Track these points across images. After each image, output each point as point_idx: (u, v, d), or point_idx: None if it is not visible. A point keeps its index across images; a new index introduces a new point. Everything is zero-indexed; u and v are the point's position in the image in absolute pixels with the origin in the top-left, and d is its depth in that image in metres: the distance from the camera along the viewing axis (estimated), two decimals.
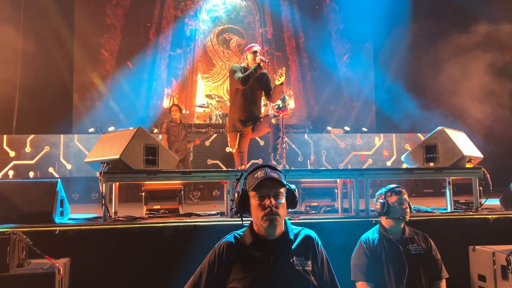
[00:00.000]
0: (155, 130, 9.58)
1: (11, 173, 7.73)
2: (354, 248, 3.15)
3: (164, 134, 7.35)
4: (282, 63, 12.27)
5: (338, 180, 4.47)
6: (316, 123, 11.03)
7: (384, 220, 3.11)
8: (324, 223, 3.78)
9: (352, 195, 4.25)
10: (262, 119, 4.98)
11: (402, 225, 3.08)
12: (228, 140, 5.16)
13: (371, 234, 3.11)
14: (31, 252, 3.00)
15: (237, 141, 5.01)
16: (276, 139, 4.83)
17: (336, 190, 4.60)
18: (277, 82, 4.80)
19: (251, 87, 4.92)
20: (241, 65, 5.00)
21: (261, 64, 4.79)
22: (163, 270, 3.41)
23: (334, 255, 2.80)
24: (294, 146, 8.35)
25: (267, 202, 2.11)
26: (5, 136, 7.93)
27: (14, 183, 4.04)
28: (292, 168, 4.80)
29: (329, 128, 10.38)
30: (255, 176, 2.17)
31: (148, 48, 11.90)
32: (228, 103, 10.47)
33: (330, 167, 8.14)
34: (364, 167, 8.31)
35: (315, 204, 4.54)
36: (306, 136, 8.66)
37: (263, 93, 5.10)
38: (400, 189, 3.10)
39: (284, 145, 4.92)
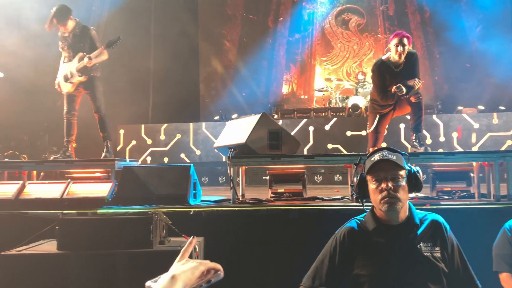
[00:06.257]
0: (275, 116, 9.74)
1: (148, 159, 8.50)
2: (494, 237, 2.87)
3: None
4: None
5: (474, 163, 4.10)
6: (445, 103, 10.24)
7: None
8: (459, 209, 3.51)
9: (491, 180, 3.87)
10: (403, 98, 4.77)
11: None
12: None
13: None
14: (170, 231, 3.25)
15: (376, 121, 4.90)
16: (417, 119, 4.60)
17: (472, 174, 4.23)
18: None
19: (393, 79, 4.74)
20: (386, 56, 4.78)
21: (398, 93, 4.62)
22: (289, 252, 3.46)
23: (472, 243, 2.59)
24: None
25: (384, 185, 2.04)
26: (142, 126, 8.74)
27: (153, 168, 4.42)
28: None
29: (460, 107, 9.57)
30: (372, 159, 2.11)
31: (267, 35, 12.10)
32: (349, 86, 10.32)
33: (462, 150, 7.52)
34: (502, 149, 7.51)
35: (448, 189, 4.23)
36: (434, 117, 8.08)
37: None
38: None
39: None
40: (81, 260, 2.88)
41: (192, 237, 1.34)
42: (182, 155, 8.44)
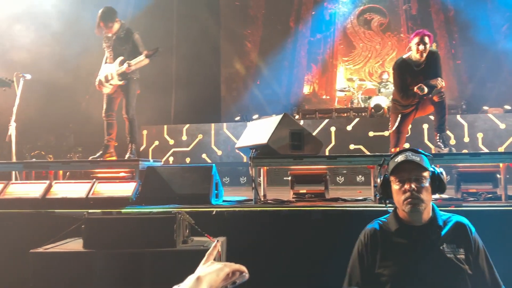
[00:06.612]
0: (297, 116, 9.72)
1: (171, 159, 8.59)
2: None
3: None
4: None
5: (501, 164, 4.02)
6: (470, 103, 10.04)
7: None
8: (485, 212, 3.44)
9: None
10: (425, 97, 4.71)
11: None
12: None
13: None
14: (193, 230, 3.28)
15: (398, 121, 4.87)
16: (440, 118, 4.55)
17: (498, 176, 4.14)
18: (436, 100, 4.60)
19: (414, 79, 4.70)
20: (407, 55, 4.75)
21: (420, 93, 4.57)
22: (312, 253, 3.45)
23: (498, 246, 2.54)
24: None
25: (407, 186, 2.04)
26: (165, 126, 8.83)
27: (176, 168, 4.46)
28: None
29: (485, 107, 9.36)
30: (395, 160, 2.11)
31: (288, 36, 12.08)
32: (371, 86, 10.21)
33: (487, 151, 7.36)
34: None
35: (474, 190, 4.14)
36: (458, 117, 7.93)
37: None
38: None
39: None
40: (106, 258, 2.94)
41: (216, 241, 1.36)
42: (204, 156, 8.50)
